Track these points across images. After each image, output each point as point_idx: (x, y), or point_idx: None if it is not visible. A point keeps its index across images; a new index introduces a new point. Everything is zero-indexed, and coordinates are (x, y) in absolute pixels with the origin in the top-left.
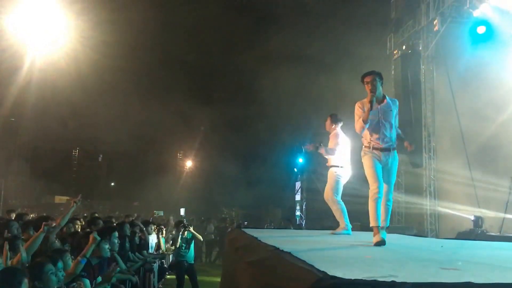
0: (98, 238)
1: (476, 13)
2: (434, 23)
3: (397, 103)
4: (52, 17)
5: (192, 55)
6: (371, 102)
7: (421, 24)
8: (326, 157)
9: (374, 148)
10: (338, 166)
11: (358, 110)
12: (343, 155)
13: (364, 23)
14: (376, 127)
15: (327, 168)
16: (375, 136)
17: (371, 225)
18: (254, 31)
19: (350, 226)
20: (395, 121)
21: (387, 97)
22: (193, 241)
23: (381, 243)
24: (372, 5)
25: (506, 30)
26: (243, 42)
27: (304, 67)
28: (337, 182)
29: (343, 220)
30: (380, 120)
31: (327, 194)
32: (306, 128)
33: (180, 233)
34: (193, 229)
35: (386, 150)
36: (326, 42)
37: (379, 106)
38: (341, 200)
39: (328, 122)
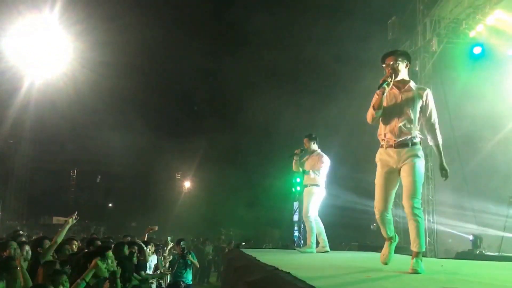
0: (101, 265)
1: (472, 34)
2: (431, 43)
3: (428, 93)
4: (51, 38)
5: (190, 78)
6: (383, 84)
7: (418, 45)
8: (311, 175)
9: (388, 146)
10: (318, 185)
11: (374, 97)
12: (322, 174)
13: (361, 44)
14: (392, 118)
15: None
16: (389, 128)
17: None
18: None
19: (314, 244)
20: (423, 115)
21: (412, 83)
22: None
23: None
24: (369, 25)
25: (502, 50)
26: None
27: (300, 90)
28: (315, 200)
29: (321, 238)
30: (399, 109)
31: (305, 212)
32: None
33: (177, 256)
34: (190, 248)
35: (403, 145)
36: (323, 65)
37: (399, 93)
38: (317, 218)
39: (306, 142)
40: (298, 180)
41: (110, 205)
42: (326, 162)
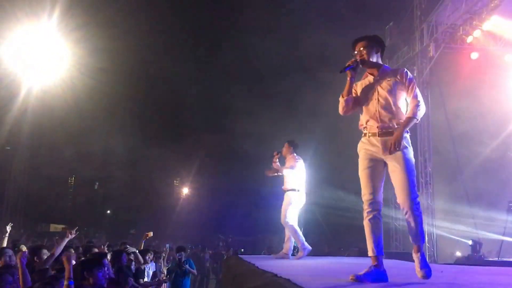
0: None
1: (469, 39)
2: (429, 49)
3: (403, 72)
4: (49, 45)
5: (188, 83)
6: (346, 69)
7: (415, 50)
8: (285, 177)
9: (371, 135)
10: (294, 190)
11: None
12: (299, 179)
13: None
14: (371, 105)
15: (321, 192)
16: (369, 115)
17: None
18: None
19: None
20: (406, 96)
21: (386, 67)
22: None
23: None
24: (366, 31)
25: (499, 55)
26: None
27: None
28: (292, 206)
29: (288, 245)
30: (376, 96)
31: (282, 217)
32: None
33: (176, 264)
34: (188, 256)
35: (387, 134)
36: (319, 72)
37: (374, 79)
38: (294, 225)
39: (286, 148)
40: None
41: (108, 212)
42: (300, 162)
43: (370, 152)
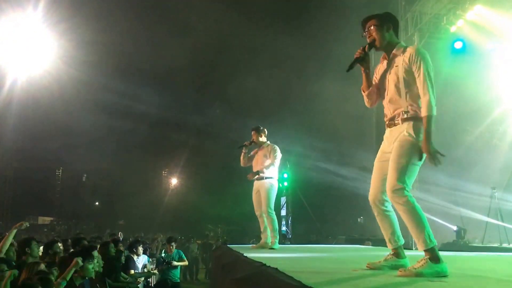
0: (81, 264)
1: (453, 29)
2: (413, 38)
3: (413, 52)
4: (35, 36)
5: (176, 76)
6: (355, 63)
7: (399, 40)
8: (264, 169)
9: (387, 126)
10: (273, 178)
11: None
12: (277, 166)
13: (343, 38)
14: (384, 94)
15: (309, 182)
16: (384, 105)
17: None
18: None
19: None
20: (414, 81)
21: (400, 46)
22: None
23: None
24: (352, 20)
25: (482, 45)
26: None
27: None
28: (273, 194)
29: (271, 234)
30: (387, 82)
31: (264, 207)
32: (294, 143)
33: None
34: (177, 247)
35: (393, 124)
36: (303, 61)
37: (386, 63)
38: (273, 213)
39: (254, 135)
40: (285, 175)
41: (97, 203)
42: (279, 153)
43: (383, 144)
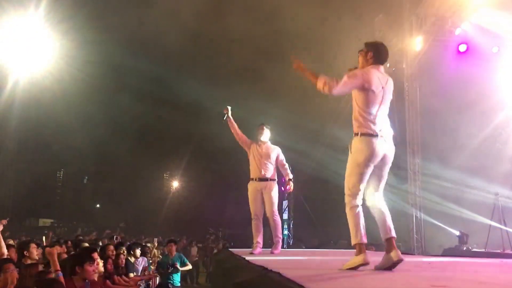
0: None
1: (458, 32)
2: (418, 41)
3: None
4: (37, 36)
5: (177, 77)
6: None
7: (404, 42)
8: (267, 165)
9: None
10: (275, 180)
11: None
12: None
13: (347, 42)
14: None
15: (311, 185)
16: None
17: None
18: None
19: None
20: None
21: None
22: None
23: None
24: (356, 23)
25: (487, 47)
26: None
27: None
28: (277, 197)
29: (275, 239)
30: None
31: (270, 210)
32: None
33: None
34: (178, 250)
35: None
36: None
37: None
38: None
39: (262, 129)
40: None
41: (98, 206)
42: (282, 156)
43: None
